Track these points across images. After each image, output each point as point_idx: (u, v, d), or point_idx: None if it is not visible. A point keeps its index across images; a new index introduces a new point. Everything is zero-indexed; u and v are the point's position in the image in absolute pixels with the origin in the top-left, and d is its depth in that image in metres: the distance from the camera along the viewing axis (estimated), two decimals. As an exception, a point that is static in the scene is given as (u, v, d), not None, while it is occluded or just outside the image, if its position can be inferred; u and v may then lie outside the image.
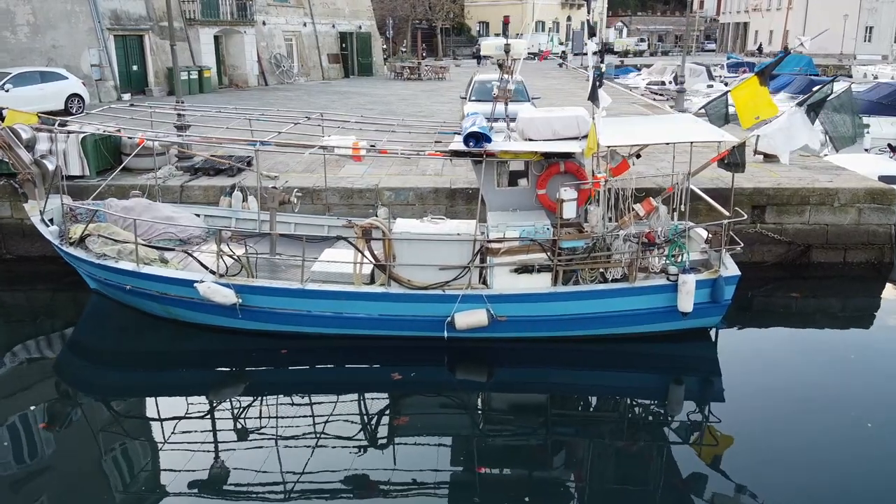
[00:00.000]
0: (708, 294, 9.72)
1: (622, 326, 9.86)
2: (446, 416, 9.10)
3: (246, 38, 34.03)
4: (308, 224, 12.12)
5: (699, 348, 10.34)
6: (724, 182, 13.32)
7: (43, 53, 24.92)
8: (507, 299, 9.58)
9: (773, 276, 13.13)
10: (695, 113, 11.57)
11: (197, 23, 31.74)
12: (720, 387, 9.66)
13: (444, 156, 9.59)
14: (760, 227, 13.15)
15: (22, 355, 10.74)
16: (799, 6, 63.93)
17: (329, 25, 40.70)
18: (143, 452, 8.10)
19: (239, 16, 33.86)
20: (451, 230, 9.72)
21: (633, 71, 50.52)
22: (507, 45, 9.90)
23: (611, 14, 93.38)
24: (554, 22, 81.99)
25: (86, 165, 13.73)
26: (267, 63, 35.80)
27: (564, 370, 10.00)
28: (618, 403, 9.68)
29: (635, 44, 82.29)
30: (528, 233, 9.52)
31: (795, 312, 12.30)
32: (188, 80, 30.40)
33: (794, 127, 9.18)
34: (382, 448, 8.11)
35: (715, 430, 8.62)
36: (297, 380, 9.82)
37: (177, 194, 13.57)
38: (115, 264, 10.08)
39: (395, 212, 13.24)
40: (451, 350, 9.87)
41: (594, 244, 9.55)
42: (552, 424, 8.89)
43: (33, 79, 22.16)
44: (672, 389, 9.81)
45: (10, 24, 23.99)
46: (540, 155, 9.56)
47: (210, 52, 32.53)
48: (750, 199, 13.12)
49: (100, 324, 11.72)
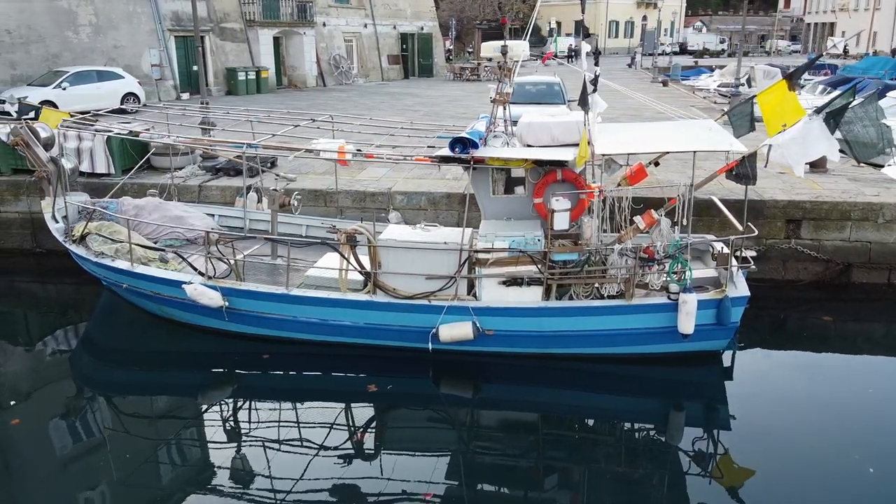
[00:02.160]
0: (713, 316, 9.01)
1: (618, 346, 9.27)
2: (427, 430, 8.75)
3: (305, 39, 34.51)
4: (316, 227, 12.01)
5: (703, 373, 9.62)
6: (756, 193, 12.46)
7: (104, 53, 25.93)
8: (495, 312, 9.15)
9: (807, 297, 12.15)
10: (717, 119, 10.79)
11: (257, 24, 32.38)
12: (725, 416, 8.94)
13: (432, 161, 9.24)
14: (795, 243, 12.19)
15: (38, 345, 11.33)
16: (887, 6, 60.00)
17: (390, 26, 40.86)
18: (112, 449, 8.11)
19: (299, 17, 34.37)
20: (440, 238, 9.36)
21: (706, 72, 48.52)
22: (504, 46, 9.47)
23: (690, 13, 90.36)
24: (627, 22, 80.00)
25: (111, 164, 14.06)
26: (326, 64, 36.23)
27: (557, 389, 9.46)
28: (613, 428, 9.09)
29: (715, 44, 79.23)
30: (518, 243, 9.06)
31: (828, 338, 11.30)
32: (245, 81, 31.10)
33: (811, 136, 8.36)
34: (356, 460, 7.84)
35: (716, 462, 7.94)
36: (276, 385, 9.68)
37: (195, 194, 13.73)
38: (111, 263, 10.21)
39: (406, 216, 13.01)
40: (436, 363, 9.52)
41: (587, 258, 9.00)
42: (543, 446, 8.37)
43: (90, 78, 23.08)
44: (672, 416, 9.13)
45: (73, 24, 25.05)
46: (530, 162, 9.08)
47: (269, 53, 33.15)
48: (784, 213, 12.19)
49: (107, 320, 11.97)
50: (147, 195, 12.95)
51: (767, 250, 12.27)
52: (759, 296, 12.12)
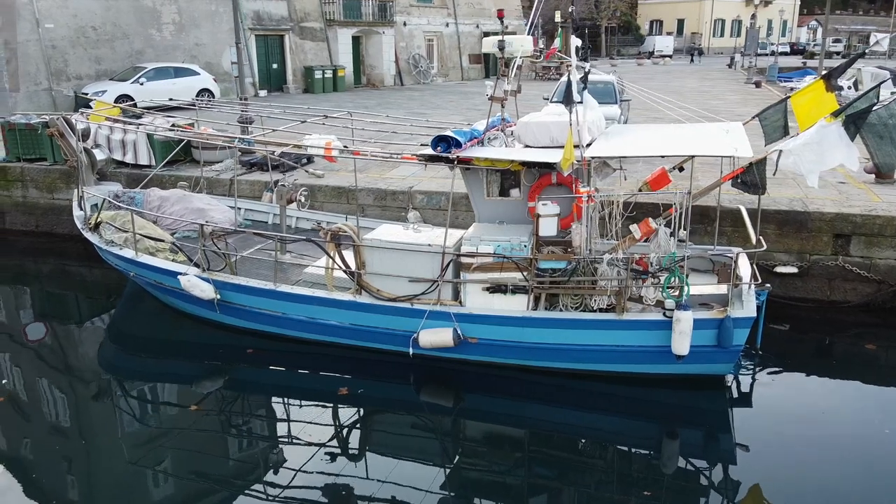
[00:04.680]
0: (712, 337, 8.21)
1: (607, 363, 8.62)
2: (403, 438, 8.36)
3: (384, 38, 34.85)
4: (327, 222, 11.94)
5: (705, 398, 8.79)
6: (802, 203, 11.38)
7: (186, 51, 27.11)
8: (477, 320, 8.72)
9: (853, 321, 10.93)
10: (745, 123, 9.86)
11: (336, 23, 32.98)
12: (729, 448, 8.11)
13: (419, 160, 8.91)
14: (843, 261, 11.00)
15: (70, 325, 11.95)
16: None
17: (473, 26, 40.64)
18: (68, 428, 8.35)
19: (379, 16, 34.75)
20: (426, 240, 9.02)
21: (813, 74, 45.39)
22: (502, 41, 9.01)
23: (805, 12, 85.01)
24: (734, 21, 76.14)
25: (152, 156, 14.57)
26: (404, 63, 36.44)
27: (544, 405, 8.86)
28: (602, 451, 8.36)
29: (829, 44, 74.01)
30: (504, 249, 8.59)
31: (871, 368, 10.09)
32: (322, 79, 31.74)
33: (827, 142, 7.44)
34: (327, 462, 7.63)
35: (709, 496, 7.23)
36: (255, 380, 9.64)
37: (226, 187, 14.01)
38: (119, 252, 10.51)
39: (426, 217, 12.76)
40: (419, 368, 9.19)
41: (575, 267, 8.41)
42: (528, 464, 7.80)
43: (167, 74, 24.18)
44: (665, 443, 8.38)
45: (157, 22, 26.33)
46: (517, 163, 8.58)
47: (347, 52, 33.70)
48: (831, 227, 11.02)
49: (129, 305, 12.36)
50: (177, 187, 13.34)
51: (811, 267, 11.15)
52: (799, 317, 11.14)
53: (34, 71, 22.89)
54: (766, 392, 9.24)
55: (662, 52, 65.38)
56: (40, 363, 10.25)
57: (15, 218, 15.77)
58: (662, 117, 13.47)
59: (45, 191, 15.38)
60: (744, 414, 8.81)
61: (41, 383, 9.58)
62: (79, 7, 23.98)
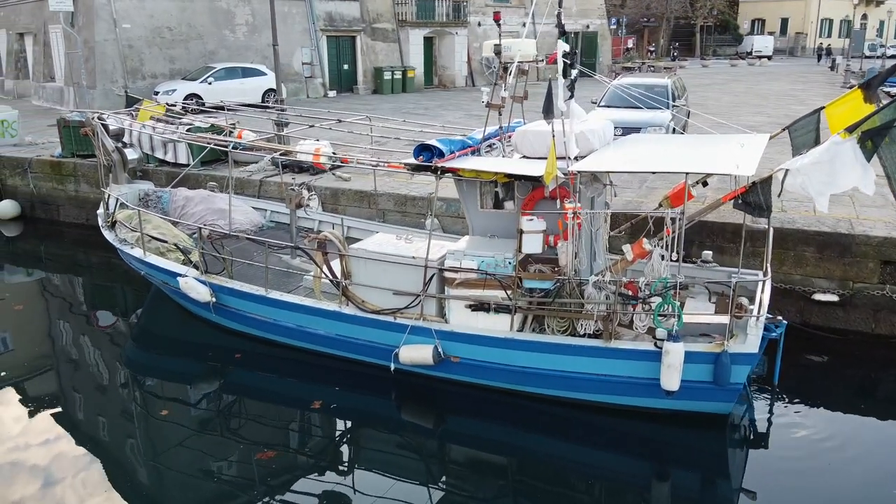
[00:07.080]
0: (707, 372, 7.46)
1: (592, 393, 8.01)
2: (379, 454, 8.06)
3: (457, 38, 34.61)
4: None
5: (703, 437, 8.01)
6: (848, 225, 10.30)
7: (258, 51, 27.78)
8: (458, 338, 8.31)
9: (899, 358, 9.79)
10: (772, 136, 8.95)
11: (408, 24, 33.02)
12: (727, 493, 7.41)
13: (403, 168, 8.57)
14: (890, 290, 9.86)
15: (92, 315, 12.39)
16: None
17: (551, 25, 39.71)
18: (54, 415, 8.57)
19: (453, 17, 34.54)
20: (410, 252, 8.68)
21: (925, 79, 41.76)
22: (498, 45, 8.55)
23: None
24: (843, 21, 71.26)
25: (190, 156, 14.90)
26: (477, 64, 36.07)
27: (529, 432, 8.30)
28: (590, 487, 7.79)
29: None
30: (488, 264, 8.14)
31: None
32: (391, 80, 31.84)
33: (839, 161, 6.58)
34: (294, 473, 7.54)
35: None
36: (239, 384, 9.64)
37: (255, 188, 14.15)
38: (129, 251, 10.74)
39: (445, 224, 12.43)
40: (400, 384, 8.87)
41: (560, 288, 7.85)
42: (511, 493, 7.40)
43: (235, 74, 24.85)
44: (655, 485, 7.70)
45: (230, 23, 27.12)
46: (503, 175, 8.09)
47: (419, 53, 33.67)
48: (878, 252, 9.90)
49: (156, 304, 12.66)
50: (206, 187, 13.56)
51: (854, 296, 10.07)
52: (839, 351, 10.08)
53: (111, 69, 24.05)
54: (784, 435, 8.31)
55: (761, 53, 62.02)
56: (54, 347, 10.68)
57: (68, 211, 16.56)
58: (725, 123, 12.38)
59: (94, 186, 16.03)
60: (755, 457, 7.99)
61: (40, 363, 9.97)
62: (155, 8, 25.02)
